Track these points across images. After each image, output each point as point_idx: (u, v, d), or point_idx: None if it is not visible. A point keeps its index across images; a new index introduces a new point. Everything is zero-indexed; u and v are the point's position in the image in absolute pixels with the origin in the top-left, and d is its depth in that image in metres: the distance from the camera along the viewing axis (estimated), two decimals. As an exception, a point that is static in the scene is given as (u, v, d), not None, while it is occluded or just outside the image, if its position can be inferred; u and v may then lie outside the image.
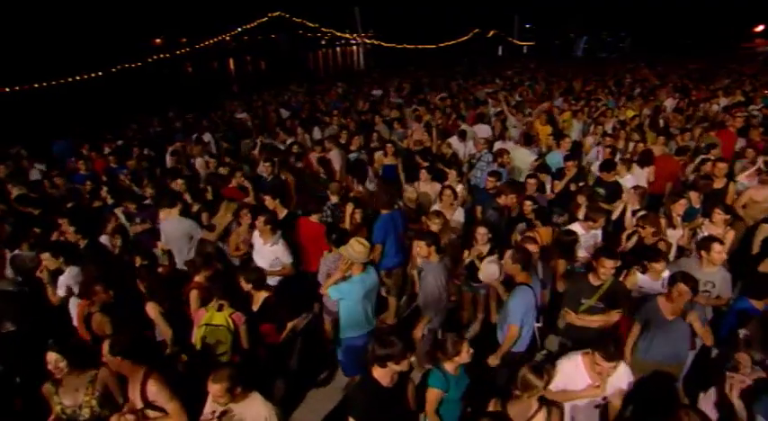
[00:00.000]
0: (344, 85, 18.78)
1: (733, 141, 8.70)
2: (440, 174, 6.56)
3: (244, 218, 4.98)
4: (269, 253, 4.64)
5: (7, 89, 23.46)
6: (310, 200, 5.76)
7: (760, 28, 57.67)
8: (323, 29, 74.09)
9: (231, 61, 63.87)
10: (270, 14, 57.40)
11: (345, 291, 3.70)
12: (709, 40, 49.94)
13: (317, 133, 10.16)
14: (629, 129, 8.86)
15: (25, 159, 8.64)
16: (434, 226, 4.58)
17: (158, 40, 71.91)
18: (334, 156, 8.09)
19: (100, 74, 29.31)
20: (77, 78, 26.58)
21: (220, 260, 4.64)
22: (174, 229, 5.13)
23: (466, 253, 4.60)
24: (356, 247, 3.63)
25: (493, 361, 3.77)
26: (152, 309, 3.60)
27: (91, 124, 13.68)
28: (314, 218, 5.23)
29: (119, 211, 5.48)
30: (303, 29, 75.72)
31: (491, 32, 72.39)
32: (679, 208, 4.95)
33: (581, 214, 5.31)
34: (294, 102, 14.85)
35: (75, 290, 4.02)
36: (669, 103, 12.69)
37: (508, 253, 3.72)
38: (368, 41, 57.10)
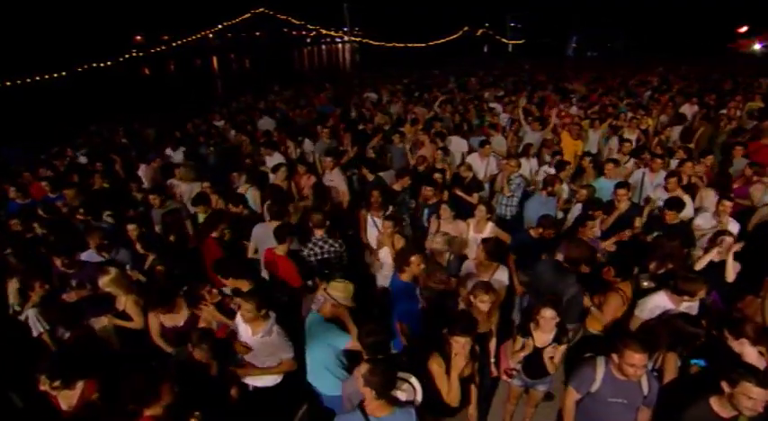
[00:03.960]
0: (332, 88, 17.26)
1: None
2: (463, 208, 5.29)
3: (211, 297, 3.59)
4: (261, 346, 3.31)
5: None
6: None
7: (744, 29, 57.65)
8: (309, 26, 72.46)
9: (215, 59, 61.61)
10: (253, 11, 55.57)
11: None
12: (695, 40, 49.53)
13: (308, 146, 8.77)
14: (669, 144, 7.74)
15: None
16: (483, 304, 3.28)
17: (138, 37, 69.64)
18: (337, 177, 6.74)
19: (63, 74, 26.92)
20: (37, 79, 24.36)
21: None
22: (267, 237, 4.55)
23: (519, 342, 3.29)
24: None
25: None
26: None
27: (52, 131, 12.16)
28: (280, 250, 4.31)
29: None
30: (288, 26, 73.93)
31: (480, 31, 71.76)
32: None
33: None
34: (279, 107, 13.27)
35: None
36: (689, 110, 11.57)
37: (364, 368, 2.48)
38: (355, 39, 55.74)
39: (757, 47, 50.86)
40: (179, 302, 3.60)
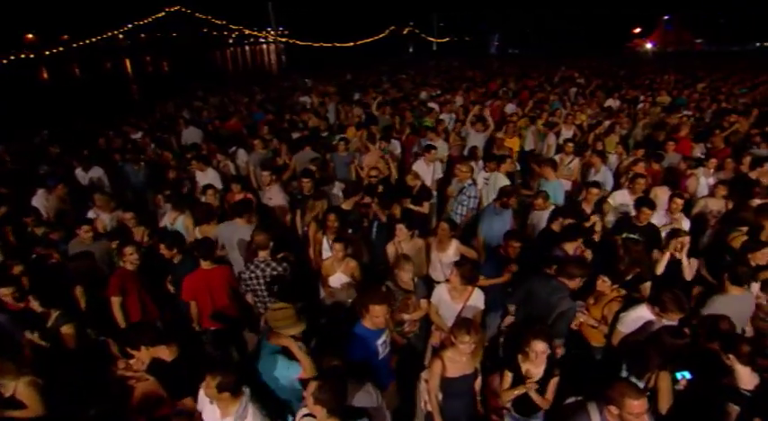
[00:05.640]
0: (261, 92, 16.08)
1: (690, 150, 8.01)
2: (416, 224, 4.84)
3: (136, 366, 2.84)
4: None
5: None
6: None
7: (637, 30, 63.74)
8: (231, 26, 69.18)
9: (128, 62, 56.41)
10: (167, 9, 51.79)
11: None
12: (596, 40, 53.67)
13: (242, 157, 7.90)
14: (606, 139, 7.93)
15: None
16: (465, 346, 2.87)
17: (30, 36, 62.18)
18: (277, 195, 6.05)
19: None
20: None
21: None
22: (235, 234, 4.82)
23: (507, 377, 2.96)
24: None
25: None
26: None
27: None
28: (206, 265, 3.98)
29: None
30: (208, 26, 70.05)
31: (406, 30, 72.76)
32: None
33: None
34: (206, 116, 11.97)
35: None
36: (613, 104, 12.19)
37: (312, 385, 2.33)
38: (281, 40, 54.01)
39: (649, 46, 56.60)
40: None
